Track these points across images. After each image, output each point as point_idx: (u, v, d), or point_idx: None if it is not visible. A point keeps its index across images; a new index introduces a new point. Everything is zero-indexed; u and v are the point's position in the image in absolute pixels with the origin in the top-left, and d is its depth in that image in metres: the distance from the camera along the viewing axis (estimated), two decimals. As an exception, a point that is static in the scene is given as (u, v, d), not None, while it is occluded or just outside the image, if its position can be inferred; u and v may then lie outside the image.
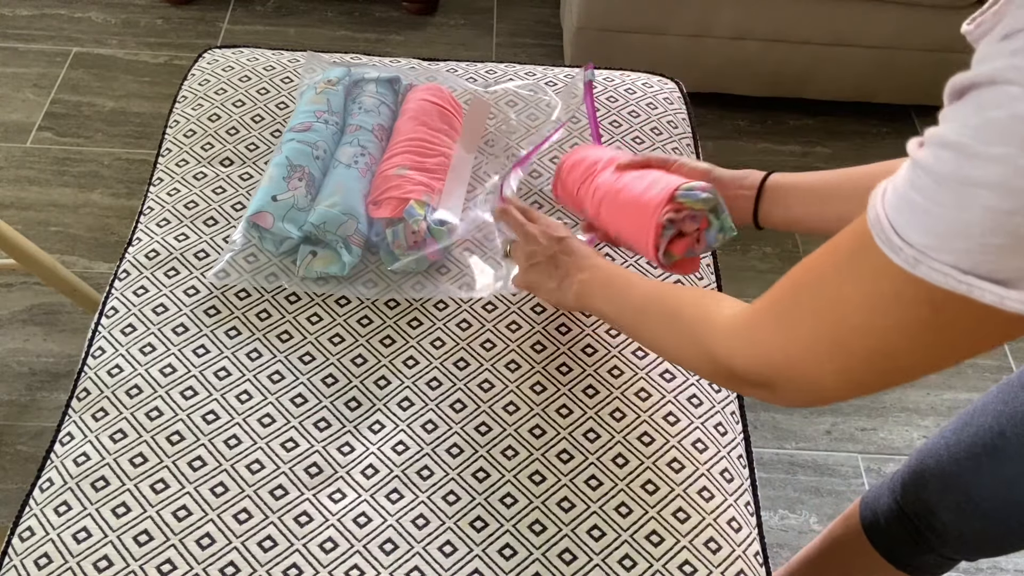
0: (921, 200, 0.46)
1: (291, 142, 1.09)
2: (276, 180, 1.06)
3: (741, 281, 1.88)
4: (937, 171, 0.45)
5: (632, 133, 1.22)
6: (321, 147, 1.10)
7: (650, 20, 1.97)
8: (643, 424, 0.96)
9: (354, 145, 1.10)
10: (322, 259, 1.04)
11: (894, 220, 0.48)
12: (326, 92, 1.15)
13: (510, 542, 0.88)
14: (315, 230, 1.03)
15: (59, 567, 0.84)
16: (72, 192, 1.94)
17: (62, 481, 0.90)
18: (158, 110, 2.09)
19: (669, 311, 0.78)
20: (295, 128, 1.11)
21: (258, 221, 1.03)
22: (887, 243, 0.48)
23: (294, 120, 1.13)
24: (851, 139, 2.15)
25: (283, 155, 1.08)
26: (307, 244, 1.05)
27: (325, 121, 1.12)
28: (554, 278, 0.93)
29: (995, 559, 1.59)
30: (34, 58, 2.19)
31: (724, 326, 0.68)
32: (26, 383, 1.66)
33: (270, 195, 1.04)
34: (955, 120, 0.45)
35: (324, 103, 1.14)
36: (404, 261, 1.03)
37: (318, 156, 1.09)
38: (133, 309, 1.02)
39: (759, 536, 0.93)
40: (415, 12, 2.35)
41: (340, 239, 1.03)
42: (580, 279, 0.90)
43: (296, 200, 1.04)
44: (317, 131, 1.11)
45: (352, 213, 1.04)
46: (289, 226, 1.03)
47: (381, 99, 1.17)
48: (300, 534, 0.87)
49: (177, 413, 0.94)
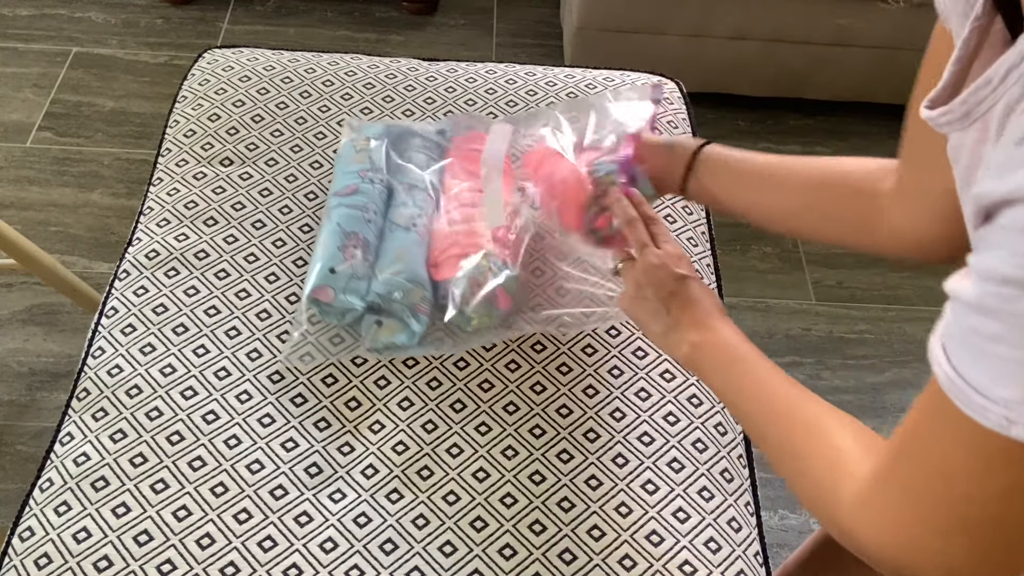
0: (994, 348, 0.41)
1: (339, 208, 1.03)
2: (331, 250, 0.99)
3: (741, 281, 1.89)
4: (1005, 311, 0.40)
5: (632, 133, 1.22)
6: (371, 209, 1.03)
7: (650, 20, 1.97)
8: (643, 424, 0.96)
9: (410, 207, 1.04)
10: (388, 328, 0.98)
11: (969, 377, 0.42)
12: (366, 150, 1.09)
13: (510, 542, 0.88)
14: (380, 300, 0.97)
15: (59, 567, 0.84)
16: (72, 192, 1.94)
17: (62, 481, 0.90)
18: (158, 110, 2.09)
19: (794, 445, 0.67)
20: (340, 192, 1.05)
21: (319, 297, 0.97)
22: (970, 405, 0.43)
23: (337, 183, 1.07)
24: (851, 139, 2.15)
25: (333, 223, 1.01)
26: (371, 313, 0.99)
27: (371, 180, 1.06)
28: (662, 322, 0.82)
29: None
30: (34, 58, 2.19)
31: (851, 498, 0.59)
32: (26, 383, 1.66)
33: (328, 268, 0.97)
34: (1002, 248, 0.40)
35: (366, 161, 1.08)
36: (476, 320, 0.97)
37: (369, 219, 1.03)
38: (133, 309, 1.02)
39: (759, 536, 0.93)
40: (415, 12, 2.35)
41: (407, 308, 0.97)
42: (692, 341, 0.79)
43: (355, 269, 0.98)
44: (364, 192, 1.04)
45: (418, 280, 0.98)
46: (352, 298, 0.97)
47: (429, 154, 1.11)
48: (300, 534, 0.87)
49: (177, 413, 0.94)
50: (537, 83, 1.28)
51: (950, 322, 0.45)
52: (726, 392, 0.77)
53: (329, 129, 1.20)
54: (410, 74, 1.28)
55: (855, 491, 0.58)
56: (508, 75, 1.29)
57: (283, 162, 1.16)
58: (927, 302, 1.89)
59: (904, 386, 1.78)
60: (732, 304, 1.83)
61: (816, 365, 1.79)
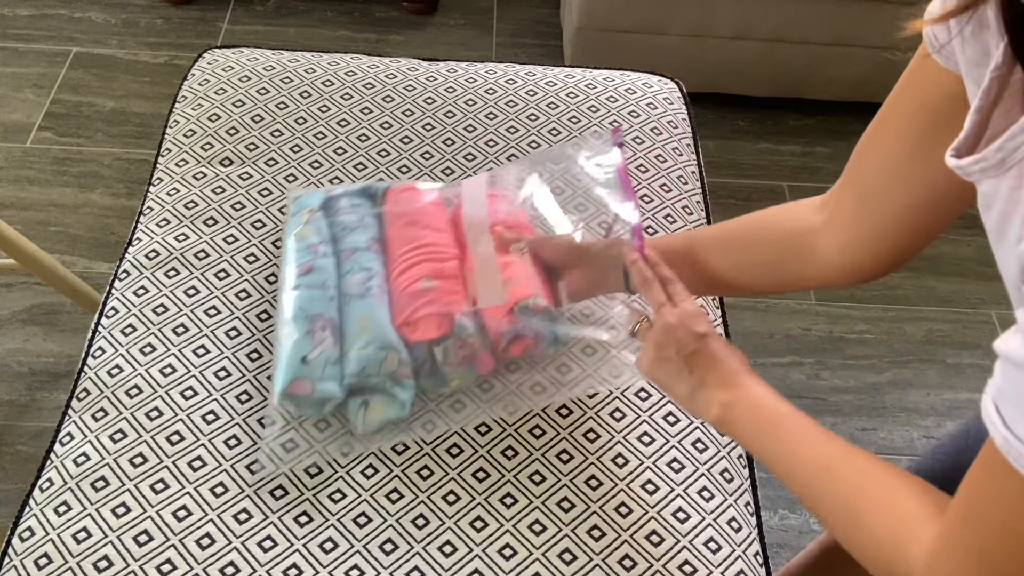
0: None
1: (298, 289, 0.95)
2: (299, 339, 0.91)
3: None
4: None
5: (632, 133, 1.22)
6: (331, 285, 0.96)
7: (650, 20, 1.97)
8: (643, 424, 0.96)
9: (356, 271, 0.97)
10: (378, 407, 0.92)
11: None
12: (311, 222, 1.02)
13: (510, 542, 0.88)
14: (357, 379, 0.91)
15: (59, 567, 0.84)
16: (72, 192, 1.94)
17: (62, 481, 0.90)
18: (158, 110, 2.09)
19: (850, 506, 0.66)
20: (295, 274, 0.97)
21: (295, 391, 0.90)
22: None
23: (290, 264, 0.99)
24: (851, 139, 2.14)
25: (295, 307, 0.94)
26: (353, 396, 0.92)
27: (324, 254, 0.99)
28: (686, 383, 0.79)
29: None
30: (34, 58, 2.19)
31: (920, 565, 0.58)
32: (26, 383, 1.66)
33: (298, 357, 0.90)
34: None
35: (314, 234, 1.01)
36: (455, 382, 0.94)
37: (331, 296, 0.95)
38: (133, 309, 1.02)
39: (759, 536, 0.93)
40: (415, 12, 2.35)
41: (387, 378, 0.91)
42: (722, 401, 0.76)
43: (328, 354, 0.91)
44: (321, 269, 0.97)
45: (389, 346, 0.91)
46: (330, 385, 0.90)
47: (361, 211, 1.04)
48: (300, 534, 0.87)
49: (177, 413, 0.94)
50: (537, 83, 1.28)
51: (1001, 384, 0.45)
52: (765, 452, 0.74)
53: (329, 129, 1.20)
54: (410, 74, 1.28)
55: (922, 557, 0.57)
56: (508, 75, 1.29)
57: (283, 162, 1.16)
58: (927, 302, 1.89)
59: (904, 386, 1.78)
60: (732, 304, 1.83)
61: (816, 365, 1.79)
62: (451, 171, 1.17)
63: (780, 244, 0.85)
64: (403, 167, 1.17)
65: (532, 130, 1.22)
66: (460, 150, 1.19)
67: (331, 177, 1.15)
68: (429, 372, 0.93)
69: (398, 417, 0.92)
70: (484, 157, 1.18)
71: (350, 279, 0.96)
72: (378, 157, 1.18)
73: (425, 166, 1.17)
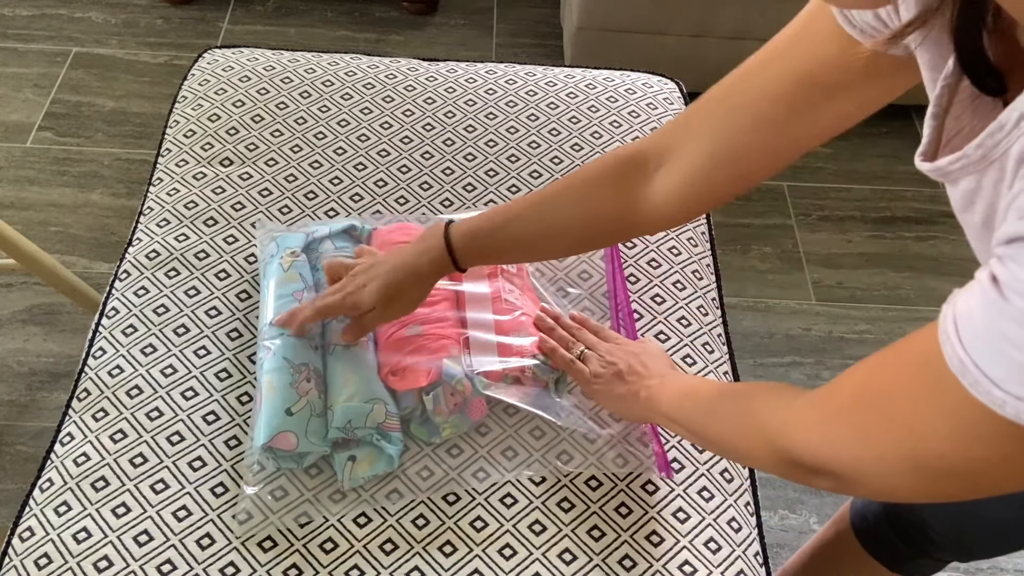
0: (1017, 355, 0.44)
1: (282, 337, 0.92)
2: (282, 389, 0.89)
3: (741, 281, 1.88)
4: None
5: (632, 133, 1.22)
6: (315, 335, 0.94)
7: (650, 20, 1.97)
8: (642, 424, 0.96)
9: (342, 320, 0.94)
10: (365, 461, 0.89)
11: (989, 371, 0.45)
12: (295, 266, 0.99)
13: (510, 542, 0.88)
14: (343, 433, 0.88)
15: (59, 567, 0.84)
16: (72, 192, 1.94)
17: (62, 481, 0.90)
18: (158, 110, 2.09)
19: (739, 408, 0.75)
20: (279, 322, 0.94)
21: (279, 446, 0.87)
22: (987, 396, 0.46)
23: (271, 309, 0.95)
24: (851, 139, 2.15)
25: (278, 356, 0.91)
26: (339, 449, 0.90)
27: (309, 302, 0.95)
28: (624, 385, 0.89)
29: (995, 559, 1.59)
30: (34, 58, 2.19)
31: (796, 420, 0.65)
32: (26, 383, 1.66)
33: (283, 409, 0.87)
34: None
35: (298, 280, 0.97)
36: (448, 430, 0.92)
37: (316, 346, 0.93)
38: (134, 310, 1.02)
39: (759, 536, 0.93)
40: (415, 12, 2.35)
41: (374, 430, 0.89)
42: (648, 384, 0.87)
43: (313, 406, 0.89)
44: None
45: (376, 396, 0.89)
46: (314, 440, 0.88)
47: (345, 254, 1.01)
48: (300, 534, 0.87)
49: (178, 414, 0.94)
50: (537, 83, 1.28)
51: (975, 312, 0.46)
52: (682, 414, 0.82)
53: (329, 129, 1.20)
54: (410, 74, 1.28)
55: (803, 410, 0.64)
56: (508, 75, 1.29)
57: (283, 162, 1.16)
58: (927, 302, 1.89)
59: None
60: (732, 304, 1.83)
61: (816, 365, 1.79)
62: (451, 171, 1.17)
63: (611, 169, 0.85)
64: (403, 167, 1.17)
65: (532, 130, 1.22)
66: (460, 150, 1.19)
67: (331, 177, 1.15)
68: (421, 421, 0.92)
69: (386, 472, 0.90)
70: (484, 157, 1.18)
71: (335, 327, 0.94)
72: (378, 157, 1.18)
73: (425, 166, 1.17)
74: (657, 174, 0.81)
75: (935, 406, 0.50)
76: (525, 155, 1.19)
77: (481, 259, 0.91)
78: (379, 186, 1.15)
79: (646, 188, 0.82)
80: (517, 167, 1.18)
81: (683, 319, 1.05)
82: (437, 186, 1.15)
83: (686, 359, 1.02)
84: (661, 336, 1.03)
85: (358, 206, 1.12)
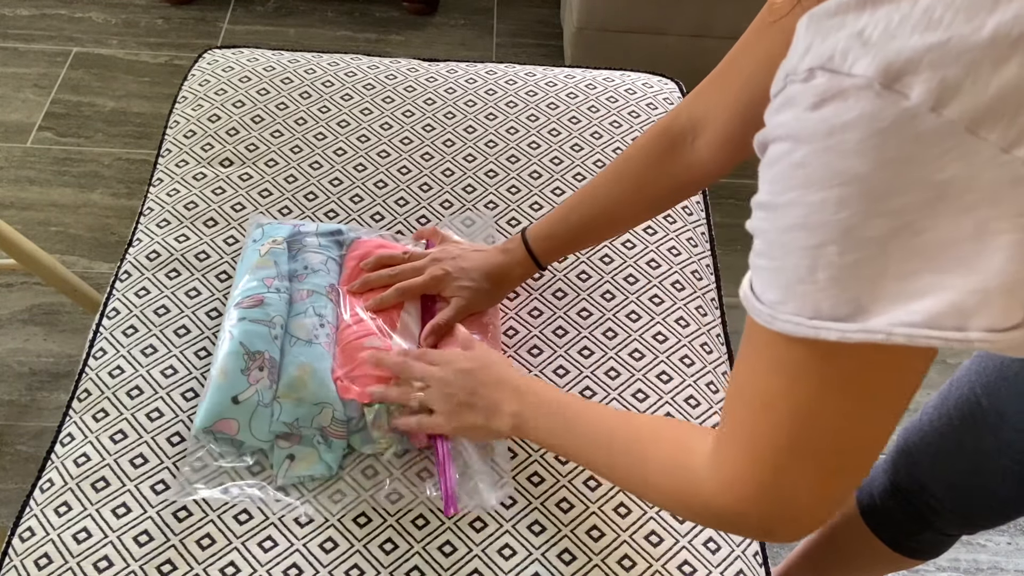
0: (763, 262, 0.50)
1: (242, 322, 0.91)
2: (232, 375, 0.88)
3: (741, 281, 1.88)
4: (762, 229, 0.49)
5: (632, 133, 1.23)
6: (278, 323, 0.92)
7: (650, 20, 1.97)
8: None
9: (310, 315, 0.94)
10: (304, 461, 0.89)
11: (755, 287, 0.51)
12: (272, 253, 0.98)
13: (510, 542, 0.88)
14: (287, 428, 0.89)
15: (59, 567, 0.84)
16: (72, 192, 1.94)
17: (62, 481, 0.90)
18: (158, 110, 2.10)
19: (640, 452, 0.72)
20: (243, 304, 0.93)
21: (222, 430, 0.87)
22: (753, 309, 0.51)
23: (239, 291, 0.95)
24: (851, 139, 2.15)
25: (235, 340, 0.89)
26: (280, 442, 0.90)
27: (277, 289, 0.95)
28: (480, 414, 0.85)
29: (995, 559, 1.59)
30: (34, 58, 2.19)
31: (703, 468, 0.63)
32: (26, 383, 1.67)
33: (229, 396, 0.87)
34: (761, 180, 0.50)
35: (271, 267, 0.96)
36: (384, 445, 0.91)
37: (276, 335, 0.91)
38: (135, 310, 1.02)
39: (758, 536, 0.93)
40: (415, 12, 2.35)
41: (317, 432, 0.89)
42: (512, 412, 0.82)
43: (261, 396, 0.88)
44: (271, 303, 0.93)
45: (325, 400, 0.89)
46: (257, 431, 0.88)
47: (327, 254, 1.01)
48: (300, 534, 0.87)
49: (178, 414, 0.94)
50: (537, 83, 1.28)
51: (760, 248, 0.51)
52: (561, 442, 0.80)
53: (329, 130, 1.20)
54: (410, 74, 1.28)
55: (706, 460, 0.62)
56: (508, 75, 1.29)
57: (283, 163, 1.16)
58: (927, 302, 1.89)
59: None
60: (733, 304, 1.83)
61: (816, 365, 1.79)
62: (451, 172, 1.17)
63: (653, 149, 0.91)
64: (403, 168, 1.17)
65: (532, 131, 1.22)
66: (460, 151, 1.19)
67: (331, 178, 1.15)
68: (361, 431, 0.91)
69: (322, 476, 0.89)
70: (484, 158, 1.19)
71: (301, 321, 0.94)
72: (378, 158, 1.18)
73: (425, 167, 1.17)
74: (696, 143, 0.87)
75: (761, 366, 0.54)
76: (525, 155, 1.19)
77: (557, 256, 1.01)
78: (379, 187, 1.15)
79: (691, 157, 0.88)
80: (517, 168, 1.18)
81: (681, 319, 1.05)
82: (437, 187, 1.15)
83: (684, 360, 1.02)
84: (659, 337, 1.03)
85: (358, 207, 1.12)
